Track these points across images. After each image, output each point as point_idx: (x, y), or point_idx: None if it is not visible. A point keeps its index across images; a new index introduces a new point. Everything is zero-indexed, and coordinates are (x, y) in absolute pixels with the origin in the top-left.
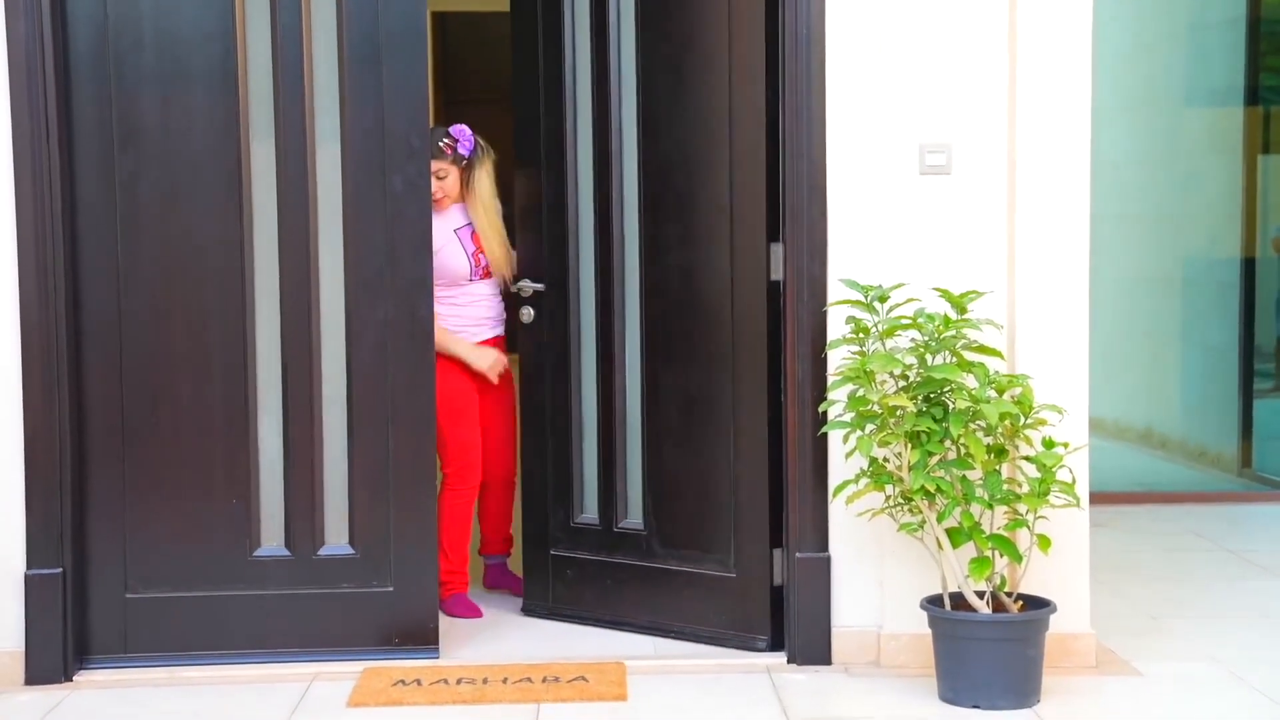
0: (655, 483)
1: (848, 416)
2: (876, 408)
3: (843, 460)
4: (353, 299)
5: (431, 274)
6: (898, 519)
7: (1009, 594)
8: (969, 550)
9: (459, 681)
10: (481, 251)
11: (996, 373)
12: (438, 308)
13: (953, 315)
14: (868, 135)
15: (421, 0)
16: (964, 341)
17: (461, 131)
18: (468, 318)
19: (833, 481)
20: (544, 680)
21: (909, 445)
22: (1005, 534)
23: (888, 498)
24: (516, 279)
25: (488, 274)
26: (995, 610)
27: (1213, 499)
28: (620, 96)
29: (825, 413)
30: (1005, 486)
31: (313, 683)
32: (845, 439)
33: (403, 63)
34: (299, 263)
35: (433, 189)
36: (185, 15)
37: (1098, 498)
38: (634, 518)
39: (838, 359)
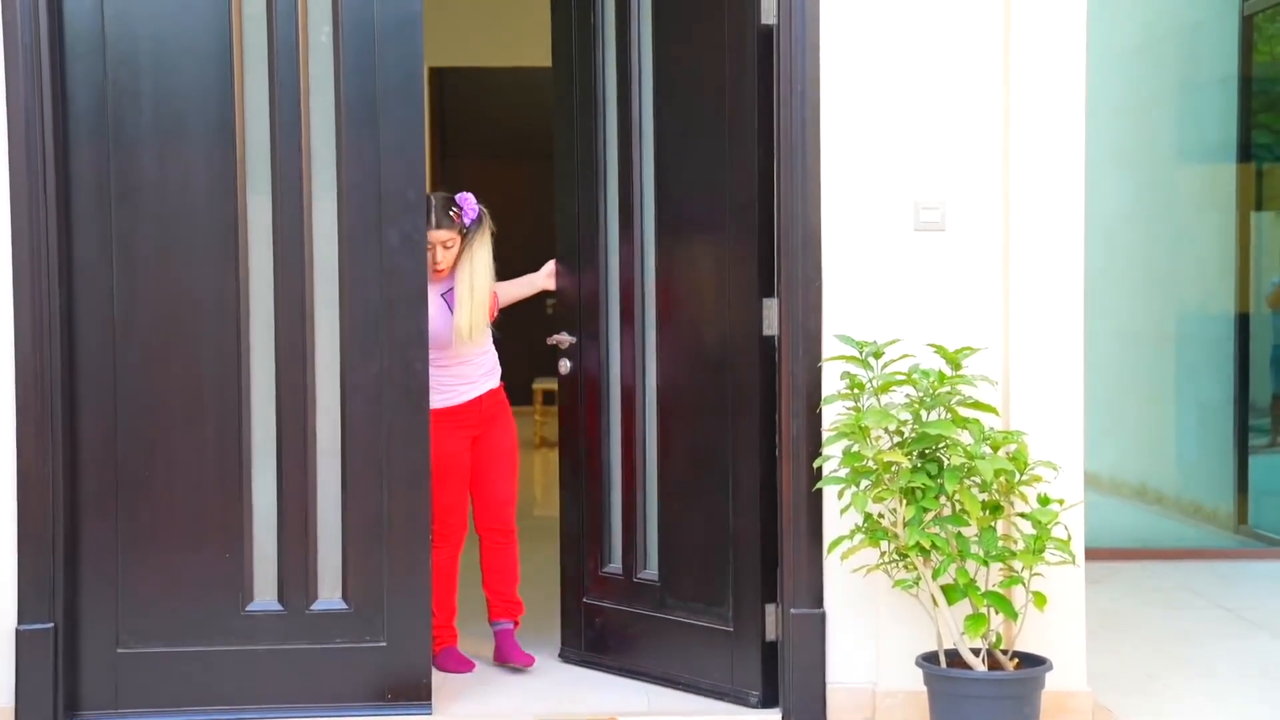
0: (666, 535)
1: (842, 472)
2: (871, 463)
3: (838, 516)
4: (348, 353)
5: (427, 328)
6: (893, 575)
7: (1005, 651)
8: (964, 607)
9: None
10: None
11: (991, 429)
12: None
13: (947, 371)
14: (862, 191)
15: (418, 58)
16: (959, 398)
17: (466, 200)
18: (459, 377)
19: (828, 537)
20: None
21: (904, 501)
22: (1001, 591)
23: (883, 554)
24: (554, 331)
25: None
26: (991, 668)
27: (1208, 556)
28: (641, 153)
29: (820, 468)
30: (1000, 543)
31: None
32: (840, 494)
33: (400, 119)
34: (294, 316)
35: (439, 259)
36: (184, 74)
37: (1092, 554)
38: (650, 569)
39: (833, 414)
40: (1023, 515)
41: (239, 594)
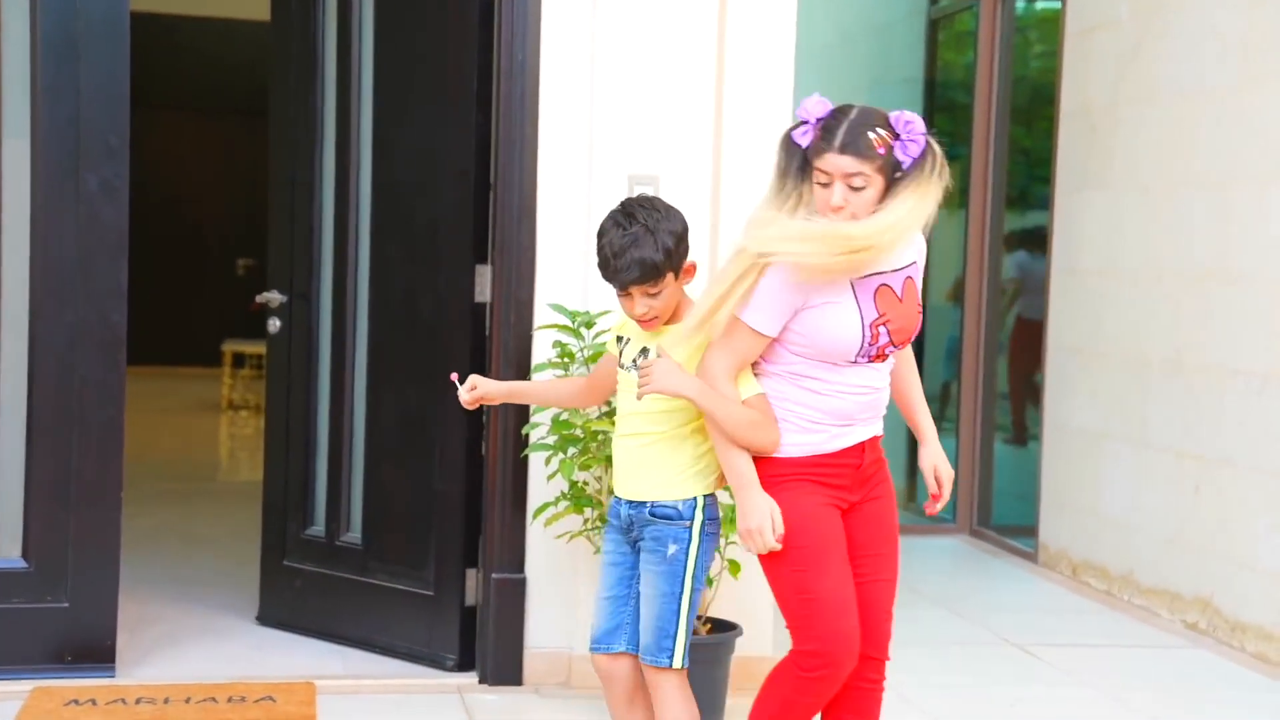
0: (371, 499)
1: (551, 439)
2: (579, 431)
3: (544, 482)
4: (38, 302)
5: (126, 277)
6: (595, 542)
7: (699, 617)
8: None
9: (138, 701)
10: (885, 322)
11: None
12: (788, 389)
13: None
14: (579, 164)
15: None
16: None
17: (907, 123)
18: (834, 412)
19: (533, 503)
20: (229, 700)
21: (609, 469)
22: None
23: (586, 520)
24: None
25: (882, 356)
26: None
27: None
28: (360, 115)
29: (528, 435)
30: None
31: None
32: (547, 461)
33: (102, 58)
34: None
35: (847, 201)
36: None
37: None
38: (354, 532)
39: None
40: (724, 486)
41: None
